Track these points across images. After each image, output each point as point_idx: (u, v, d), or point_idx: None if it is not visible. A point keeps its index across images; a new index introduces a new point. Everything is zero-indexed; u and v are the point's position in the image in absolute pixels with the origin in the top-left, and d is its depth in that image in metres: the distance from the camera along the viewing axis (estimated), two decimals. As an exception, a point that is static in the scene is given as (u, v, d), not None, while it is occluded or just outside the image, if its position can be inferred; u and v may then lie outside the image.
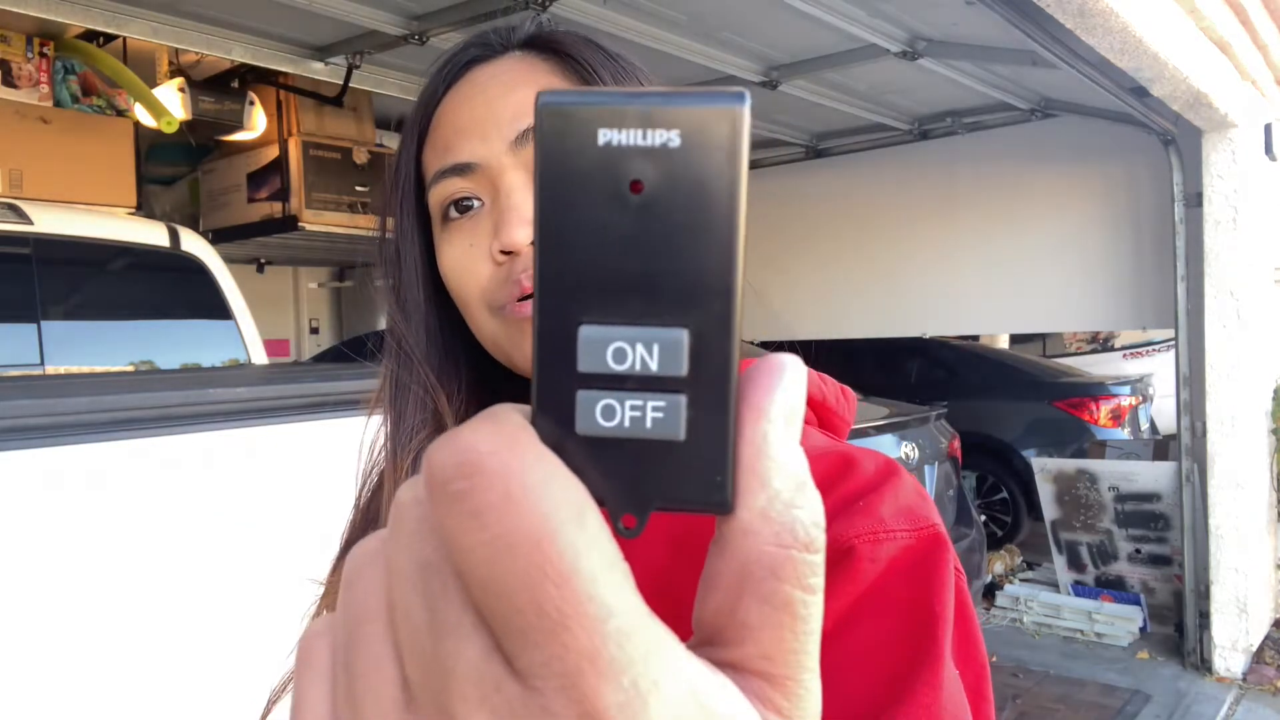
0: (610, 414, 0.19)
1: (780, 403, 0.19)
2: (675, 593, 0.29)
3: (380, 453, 0.66)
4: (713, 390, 0.19)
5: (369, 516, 0.66)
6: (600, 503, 0.19)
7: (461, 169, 0.59)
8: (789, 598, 0.19)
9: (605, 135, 0.19)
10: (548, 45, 0.62)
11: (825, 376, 0.64)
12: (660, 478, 0.19)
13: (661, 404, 0.19)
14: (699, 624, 0.20)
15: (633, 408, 0.19)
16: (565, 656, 0.17)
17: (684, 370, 0.19)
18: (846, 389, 0.66)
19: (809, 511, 0.19)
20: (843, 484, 0.52)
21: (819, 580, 0.19)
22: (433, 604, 0.18)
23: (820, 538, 0.19)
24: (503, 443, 0.18)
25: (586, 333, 0.19)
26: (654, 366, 0.19)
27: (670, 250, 0.19)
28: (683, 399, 0.19)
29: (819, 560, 0.19)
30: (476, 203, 0.60)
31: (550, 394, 0.19)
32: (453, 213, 0.60)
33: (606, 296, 0.19)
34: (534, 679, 0.17)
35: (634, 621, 0.17)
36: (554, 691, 0.17)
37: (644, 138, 0.19)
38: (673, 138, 0.18)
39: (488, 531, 0.17)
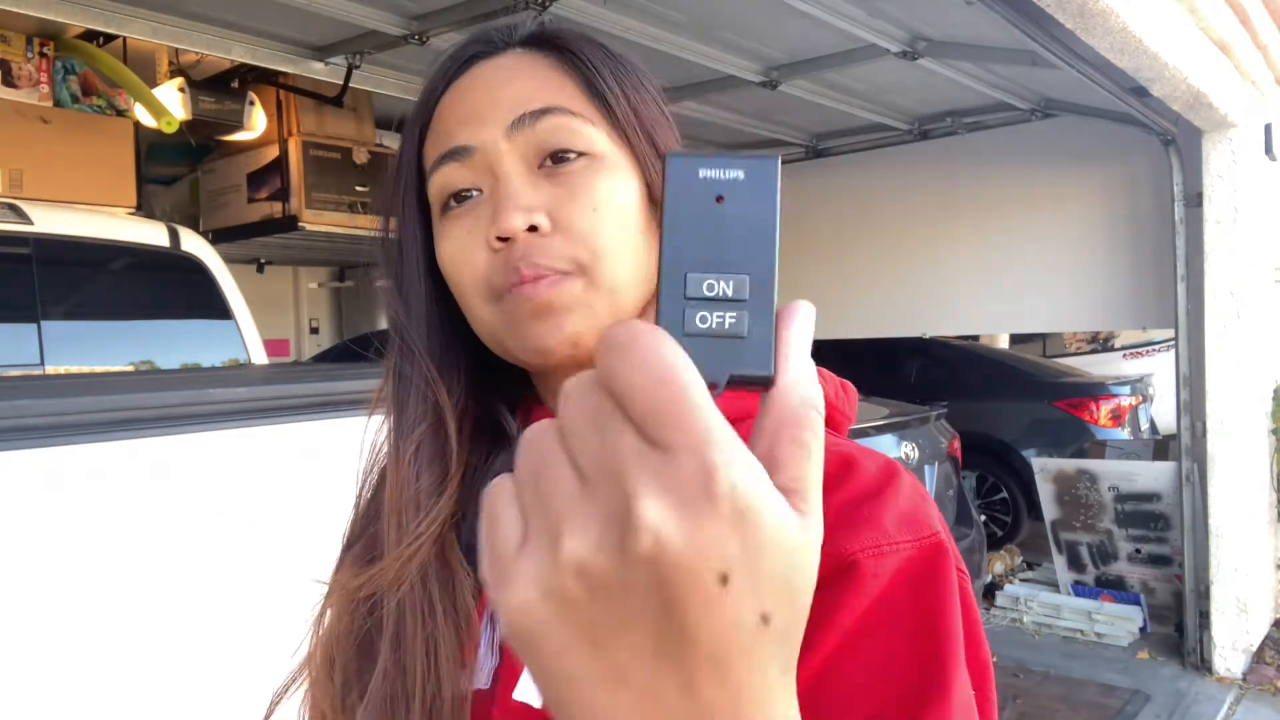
0: (704, 320, 0.31)
1: (800, 324, 0.31)
2: None
3: (381, 452, 0.66)
4: (763, 309, 0.31)
5: (370, 515, 0.66)
6: (698, 372, 0.28)
7: (459, 152, 0.59)
8: (808, 440, 0.28)
9: (704, 173, 0.31)
10: (549, 42, 0.63)
11: (824, 371, 0.64)
12: (732, 359, 0.30)
13: (734, 315, 0.31)
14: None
15: (717, 316, 0.31)
16: (692, 432, 0.26)
17: (747, 295, 0.31)
18: (847, 384, 0.67)
19: (814, 386, 0.30)
20: (844, 486, 0.52)
21: (821, 429, 0.29)
22: (599, 422, 0.27)
23: (821, 403, 0.29)
24: (648, 327, 0.27)
25: (692, 276, 0.31)
26: (729, 293, 0.31)
27: (739, 233, 0.31)
28: (746, 312, 0.31)
29: (821, 415, 0.29)
30: (475, 193, 0.60)
31: (670, 310, 0.31)
32: (451, 204, 0.60)
33: (703, 257, 0.31)
34: (671, 449, 0.26)
35: (722, 422, 0.26)
36: (684, 453, 0.26)
37: (725, 173, 0.31)
38: (740, 174, 0.31)
39: (646, 369, 0.26)
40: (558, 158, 0.58)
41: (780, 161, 0.32)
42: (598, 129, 0.59)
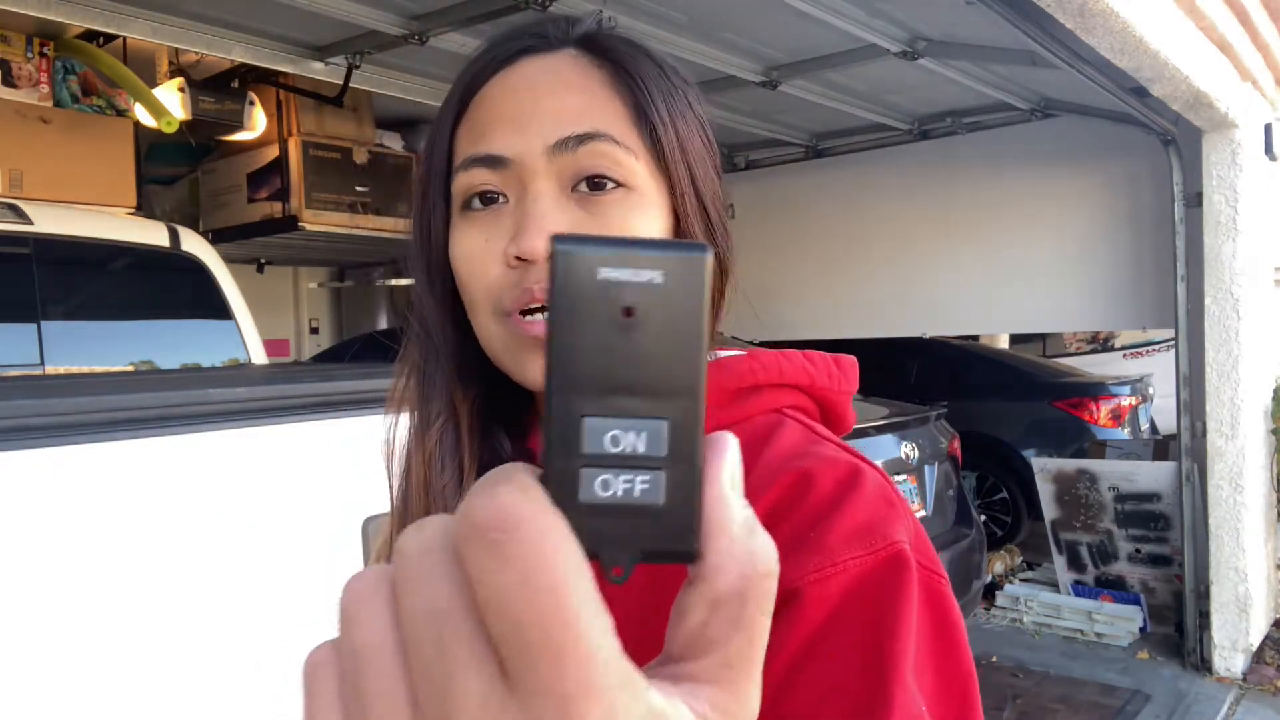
0: (607, 486, 0.24)
1: (728, 472, 0.25)
2: (644, 635, 0.34)
3: (408, 450, 0.65)
4: (685, 467, 0.24)
5: (404, 513, 0.65)
6: (593, 556, 0.23)
7: (493, 161, 0.57)
8: (751, 617, 0.24)
9: (604, 273, 0.24)
10: (604, 50, 0.60)
11: (811, 354, 0.64)
12: (643, 535, 0.24)
13: (647, 478, 0.24)
14: (670, 644, 0.24)
15: (624, 481, 0.24)
16: (563, 680, 0.20)
17: (664, 452, 0.24)
18: (840, 358, 0.65)
19: (761, 548, 0.24)
20: (797, 510, 0.50)
21: (772, 600, 0.24)
22: (443, 641, 0.21)
23: (773, 566, 0.24)
24: (531, 502, 0.22)
25: (590, 424, 0.24)
26: (641, 448, 0.24)
27: (654, 360, 0.24)
28: (663, 474, 0.24)
29: (773, 584, 0.24)
30: (501, 198, 0.58)
31: (559, 470, 0.24)
32: (475, 203, 0.58)
33: (605, 395, 0.24)
34: (532, 699, 0.21)
35: (614, 658, 0.21)
36: (549, 710, 0.20)
37: (635, 275, 0.24)
38: (656, 276, 0.24)
39: (517, 575, 0.21)
40: (594, 183, 0.56)
41: (710, 255, 0.25)
42: (639, 160, 0.57)
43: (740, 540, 0.24)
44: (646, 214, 0.57)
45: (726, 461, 0.25)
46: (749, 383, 0.59)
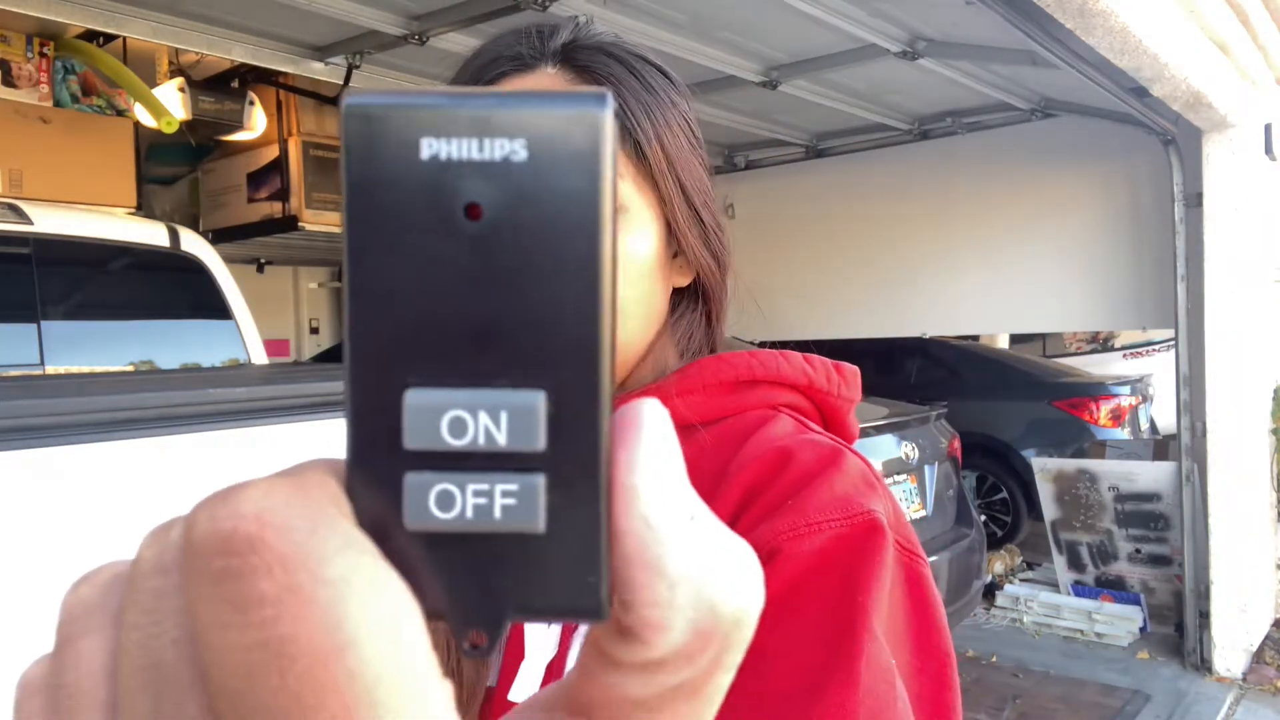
0: (448, 502, 0.15)
1: (650, 467, 0.16)
2: None
3: None
4: (579, 467, 0.15)
5: None
6: (438, 616, 0.15)
7: None
8: (701, 684, 0.16)
9: (431, 146, 0.15)
10: (582, 66, 0.59)
11: (811, 357, 0.63)
12: (515, 581, 0.15)
13: (513, 487, 0.15)
14: (570, 688, 0.17)
15: (476, 493, 0.15)
16: None
17: (541, 443, 0.15)
18: (842, 365, 0.64)
19: (726, 583, 0.16)
20: (774, 484, 0.50)
21: (740, 653, 0.17)
22: (163, 705, 0.15)
23: (747, 607, 0.17)
24: (300, 515, 0.13)
25: (414, 398, 0.15)
26: (502, 440, 0.15)
27: (518, 291, 0.15)
28: (540, 479, 0.15)
29: (746, 633, 0.17)
30: None
31: (369, 478, 0.15)
32: None
33: (439, 352, 0.15)
34: None
35: None
36: None
37: (481, 149, 0.15)
38: (517, 149, 0.15)
39: (254, 633, 0.13)
40: None
41: (612, 108, 0.16)
42: (625, 179, 0.57)
43: (687, 579, 0.16)
44: (635, 230, 0.57)
45: (644, 450, 0.16)
46: (746, 377, 0.59)
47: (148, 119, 3.72)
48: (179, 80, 3.85)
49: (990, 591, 5.02)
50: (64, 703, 0.16)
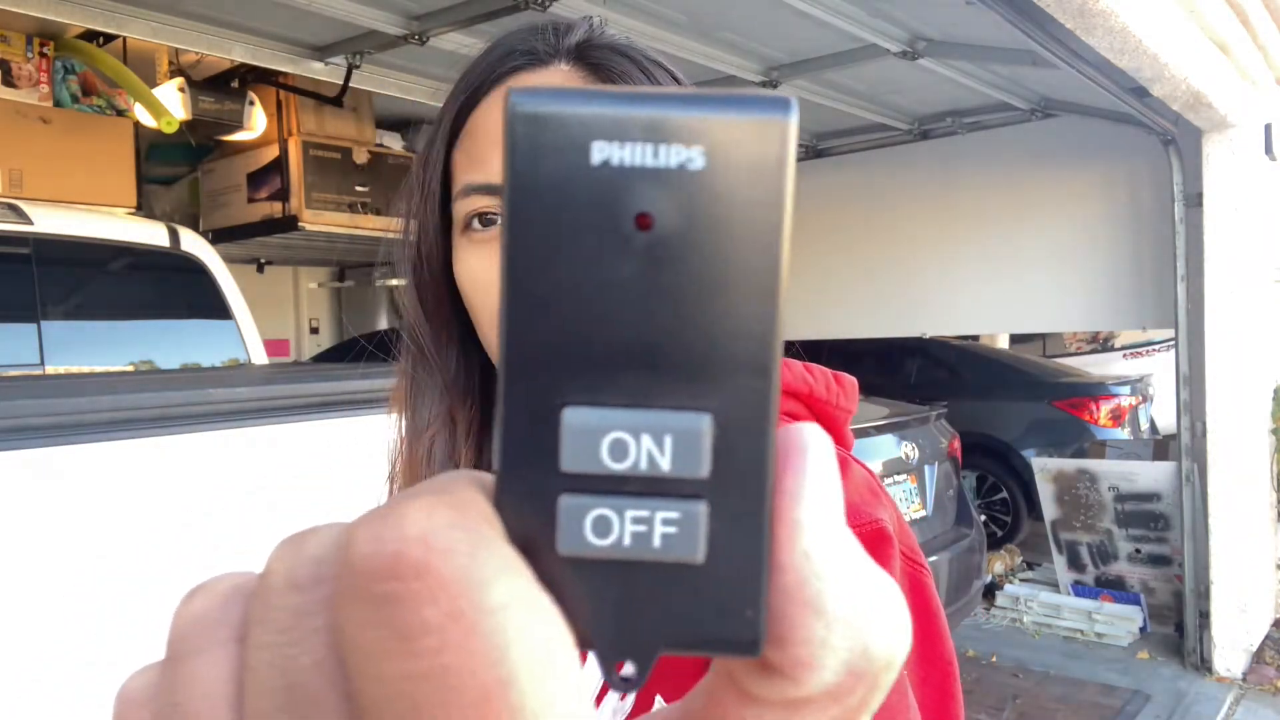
0: (605, 529, 0.14)
1: (816, 500, 0.15)
2: None
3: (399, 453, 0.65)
4: (743, 496, 0.15)
5: None
6: (586, 644, 0.15)
7: (493, 189, 0.57)
8: None
9: (603, 151, 0.14)
10: (595, 64, 0.59)
11: (811, 366, 0.63)
12: (668, 612, 0.15)
13: (675, 515, 0.14)
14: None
15: (635, 520, 0.14)
16: None
17: (705, 470, 0.15)
18: (841, 376, 0.64)
19: (879, 627, 0.16)
20: None
21: (882, 697, 0.16)
22: (299, 708, 0.14)
23: (896, 651, 0.16)
24: (463, 539, 0.13)
25: (573, 417, 0.14)
26: (665, 465, 0.14)
27: (688, 307, 0.14)
28: (703, 508, 0.15)
29: (892, 676, 0.16)
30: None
31: (523, 501, 0.14)
32: (476, 224, 0.58)
33: (600, 368, 0.14)
34: None
35: None
36: None
37: (655, 155, 0.14)
38: (695, 157, 0.14)
39: (418, 662, 0.13)
40: None
41: (797, 116, 0.15)
42: None
43: (843, 619, 0.15)
44: None
45: (811, 482, 0.15)
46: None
47: (148, 119, 3.72)
48: (179, 80, 3.85)
49: (990, 591, 5.02)
50: (174, 713, 0.16)
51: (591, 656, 0.15)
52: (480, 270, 0.58)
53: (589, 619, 0.15)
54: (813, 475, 0.15)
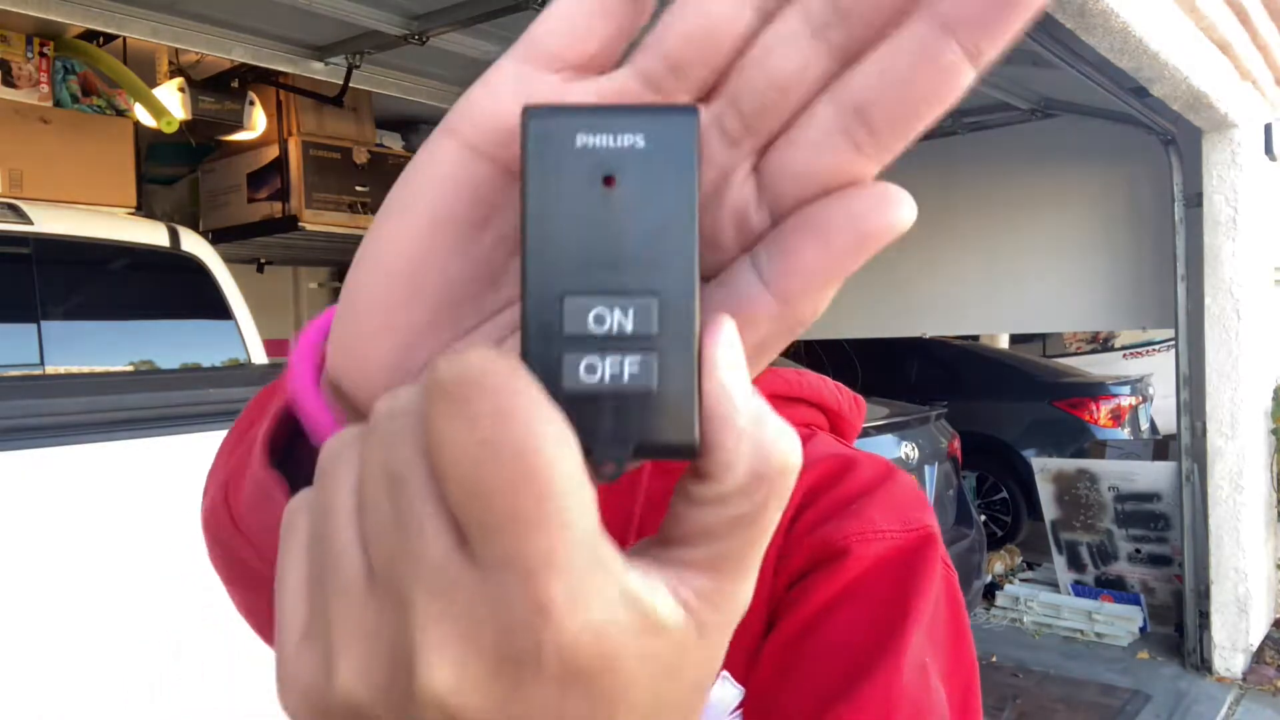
0: (593, 370, 0.22)
1: (728, 354, 0.22)
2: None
3: None
4: (679, 345, 0.22)
5: None
6: (585, 451, 0.21)
7: None
8: (757, 516, 0.22)
9: (583, 139, 0.22)
10: None
11: (841, 386, 0.68)
12: (637, 426, 0.22)
13: (637, 359, 0.22)
14: (664, 528, 0.23)
15: (612, 363, 0.22)
16: (528, 554, 0.19)
17: (655, 329, 0.22)
18: (858, 398, 0.70)
19: (773, 441, 0.22)
20: (840, 485, 0.55)
21: (785, 499, 0.22)
22: (400, 502, 0.20)
23: (790, 461, 0.22)
24: (505, 366, 0.20)
25: (570, 302, 0.22)
26: (629, 327, 0.22)
27: (640, 232, 0.22)
28: (656, 353, 0.22)
29: (789, 481, 0.22)
30: None
31: (539, 356, 0.22)
32: None
33: (586, 272, 0.22)
34: (494, 571, 0.19)
35: (588, 534, 0.20)
36: (511, 583, 0.19)
37: (615, 140, 0.22)
38: (639, 140, 0.22)
39: (479, 434, 0.19)
40: None
41: (699, 115, 0.23)
42: None
43: (749, 433, 0.22)
44: None
45: (723, 342, 0.22)
46: (795, 393, 0.63)
47: (148, 119, 3.72)
48: (179, 80, 3.85)
49: (990, 591, 5.02)
50: (320, 513, 0.22)
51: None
52: None
53: (586, 434, 0.21)
54: (725, 336, 0.22)
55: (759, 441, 0.22)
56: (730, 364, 0.22)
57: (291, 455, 0.35)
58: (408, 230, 0.24)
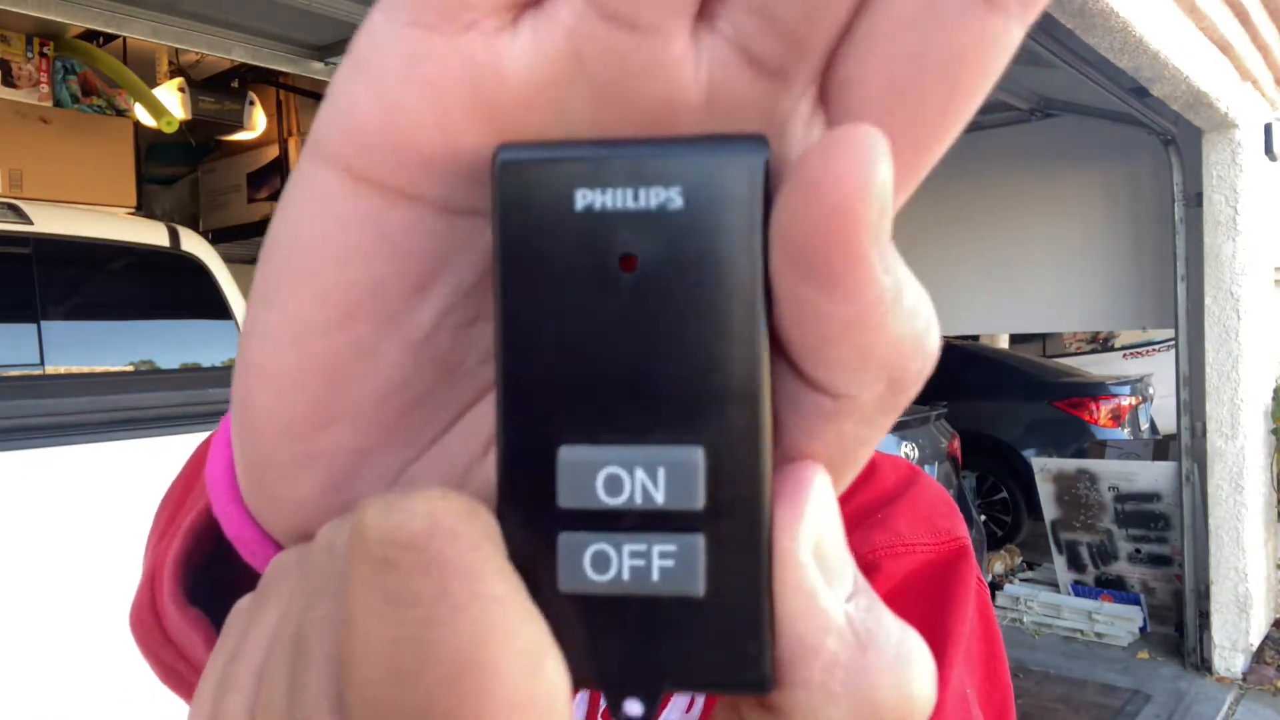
0: (603, 564, 0.15)
1: (813, 531, 0.15)
2: None
3: None
4: (740, 528, 0.15)
5: None
6: (589, 681, 0.15)
7: None
8: None
9: (585, 197, 0.15)
10: None
11: None
12: (673, 648, 0.15)
13: (671, 548, 0.15)
14: None
15: (633, 554, 0.15)
16: None
17: (699, 502, 0.15)
18: None
19: (890, 670, 0.15)
20: (862, 490, 0.52)
21: None
22: (294, 685, 0.15)
23: (921, 696, 0.15)
24: (468, 531, 0.14)
25: (568, 455, 0.15)
26: (659, 498, 0.15)
27: (675, 343, 0.15)
28: (700, 540, 0.15)
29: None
30: None
31: (522, 537, 0.15)
32: None
33: (594, 408, 0.15)
34: None
35: None
36: None
37: (636, 198, 0.15)
38: (673, 197, 0.15)
39: (402, 629, 0.13)
40: None
41: (769, 151, 0.15)
42: None
43: (845, 664, 0.15)
44: None
45: (809, 515, 0.15)
46: None
47: (148, 119, 3.72)
48: (179, 80, 3.85)
49: (990, 591, 5.01)
50: (237, 656, 0.17)
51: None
52: None
53: (594, 656, 0.15)
54: (813, 510, 0.15)
55: (860, 676, 0.15)
56: (824, 556, 0.15)
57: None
58: (309, 314, 0.16)
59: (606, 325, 0.15)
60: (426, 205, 0.16)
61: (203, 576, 0.29)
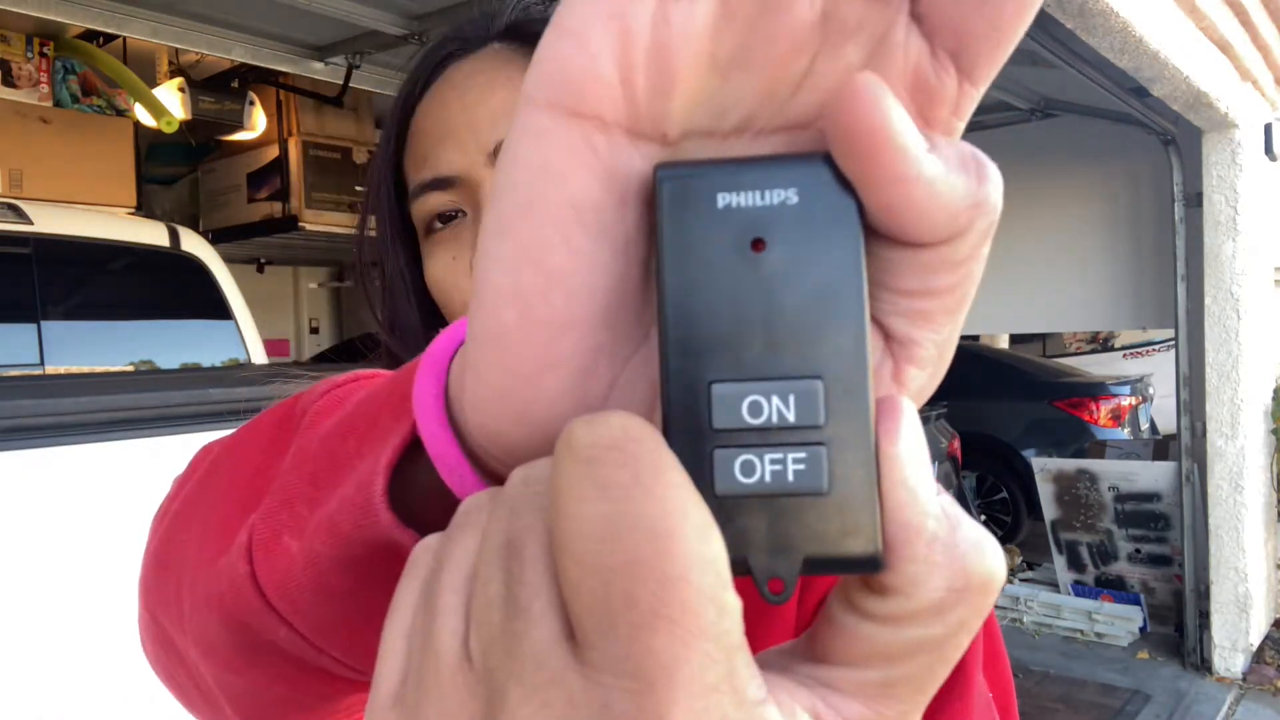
0: (750, 469, 0.19)
1: (909, 444, 0.19)
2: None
3: None
4: (852, 438, 0.19)
5: None
6: (742, 565, 0.19)
7: (441, 183, 0.56)
8: (944, 640, 0.19)
9: (724, 199, 0.19)
10: (528, 36, 0.58)
11: None
12: (806, 534, 0.19)
13: (802, 455, 0.19)
14: (816, 638, 0.20)
15: (773, 461, 0.19)
16: (645, 658, 0.16)
17: (821, 418, 0.19)
18: None
19: (973, 549, 0.19)
20: None
21: (983, 619, 0.19)
22: (510, 579, 0.18)
23: (994, 574, 0.19)
24: (651, 438, 0.17)
25: (720, 390, 0.19)
26: (791, 417, 0.19)
27: (798, 302, 0.19)
28: (824, 449, 0.19)
29: (991, 598, 0.19)
30: (460, 214, 0.57)
31: (684, 453, 0.18)
32: (436, 224, 0.57)
33: (737, 354, 0.19)
34: (602, 673, 0.16)
35: (727, 650, 0.16)
36: (621, 691, 0.16)
37: (763, 197, 0.19)
38: (790, 196, 0.19)
39: (608, 505, 0.17)
40: None
41: None
42: None
43: (942, 540, 0.19)
44: None
45: (904, 429, 0.19)
46: None
47: (148, 119, 3.72)
48: (179, 80, 3.85)
49: (990, 591, 5.02)
50: (440, 567, 0.20)
51: None
52: (446, 270, 0.57)
53: (744, 544, 0.19)
54: (907, 424, 0.19)
55: (954, 550, 0.19)
56: (914, 455, 0.19)
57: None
58: (543, 235, 0.20)
59: (744, 292, 0.19)
60: (621, 131, 0.20)
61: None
